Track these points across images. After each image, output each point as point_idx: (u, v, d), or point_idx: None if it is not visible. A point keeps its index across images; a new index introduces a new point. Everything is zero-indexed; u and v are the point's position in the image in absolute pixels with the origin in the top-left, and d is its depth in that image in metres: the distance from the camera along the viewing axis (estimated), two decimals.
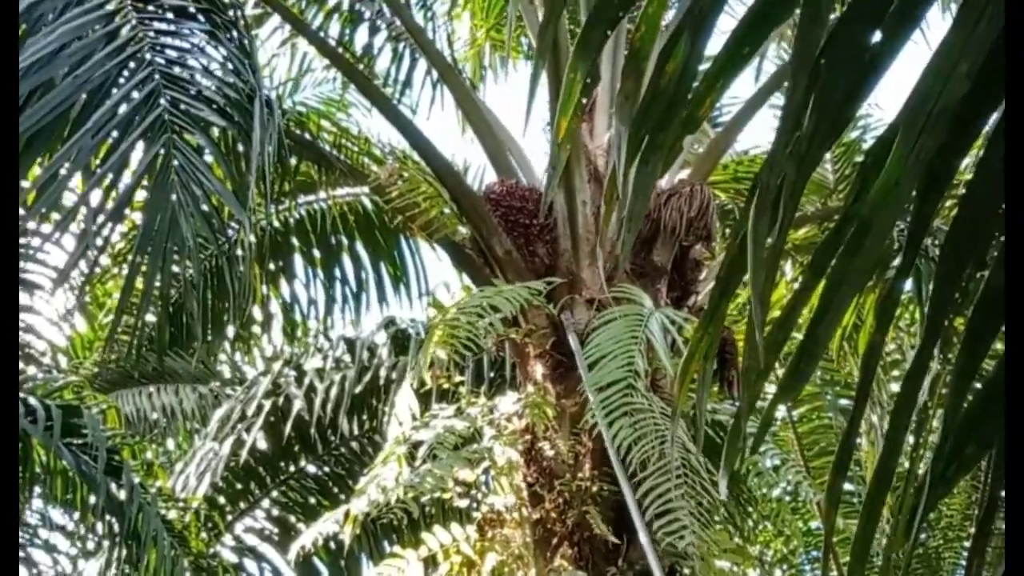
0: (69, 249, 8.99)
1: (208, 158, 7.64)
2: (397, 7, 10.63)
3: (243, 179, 7.61)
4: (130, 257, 7.82)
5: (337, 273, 12.15)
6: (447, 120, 13.68)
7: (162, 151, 7.27)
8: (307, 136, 10.58)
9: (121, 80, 7.37)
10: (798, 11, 2.43)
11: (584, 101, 2.71)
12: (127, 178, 7.44)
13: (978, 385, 2.46)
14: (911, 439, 2.72)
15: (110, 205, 7.36)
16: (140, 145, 7.34)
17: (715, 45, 2.62)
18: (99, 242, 7.65)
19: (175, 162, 7.24)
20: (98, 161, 7.32)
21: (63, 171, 7.07)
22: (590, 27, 2.56)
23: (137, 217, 7.87)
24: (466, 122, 10.91)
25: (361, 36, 11.14)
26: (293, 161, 10.79)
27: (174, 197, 7.18)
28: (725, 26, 2.72)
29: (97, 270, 9.99)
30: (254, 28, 10.70)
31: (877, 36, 2.43)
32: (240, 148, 8.13)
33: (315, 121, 10.82)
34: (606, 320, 8.37)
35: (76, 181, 7.45)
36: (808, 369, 2.49)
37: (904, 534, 2.59)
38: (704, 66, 2.62)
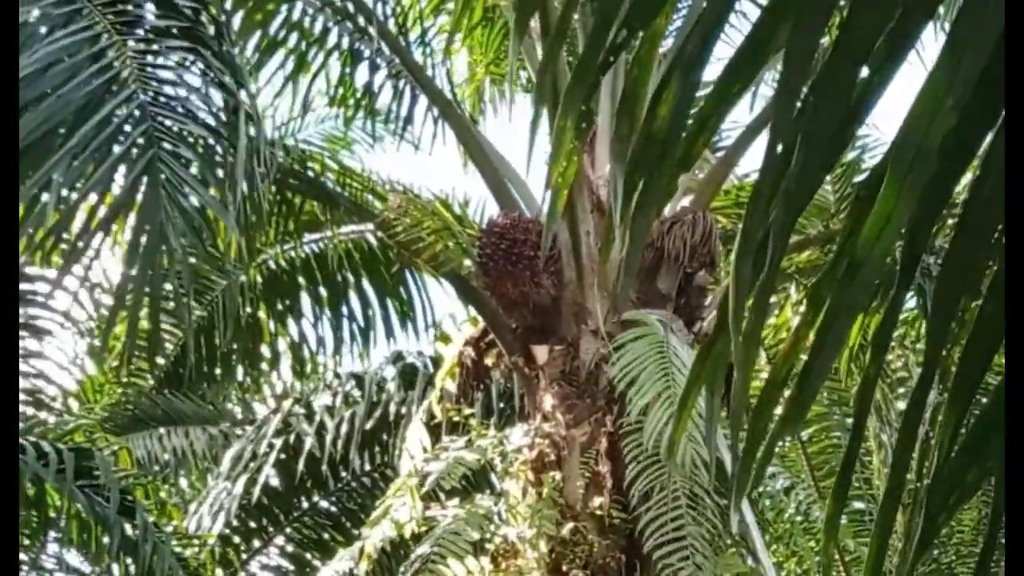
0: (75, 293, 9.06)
1: (194, 170, 7.69)
2: (396, 46, 10.68)
3: (232, 192, 7.67)
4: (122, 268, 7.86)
5: (344, 310, 12.20)
6: (449, 154, 13.73)
7: (149, 165, 7.33)
8: (311, 174, 10.63)
9: (107, 99, 7.43)
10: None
11: (578, 144, 2.74)
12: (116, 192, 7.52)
13: (976, 413, 2.49)
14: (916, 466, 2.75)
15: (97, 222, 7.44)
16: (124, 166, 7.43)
17: (712, 72, 2.65)
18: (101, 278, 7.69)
19: (163, 176, 7.30)
20: (85, 179, 7.38)
21: (49, 192, 7.12)
22: (579, 75, 2.60)
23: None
24: (467, 156, 10.96)
25: (361, 74, 11.18)
26: (298, 200, 10.85)
27: (163, 212, 7.23)
28: (722, 53, 2.74)
29: (104, 312, 10.04)
30: (254, 71, 10.74)
31: (865, 71, 2.45)
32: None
33: (318, 159, 10.88)
34: (623, 343, 8.46)
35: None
36: (807, 403, 2.52)
37: (913, 563, 2.61)
38: (701, 93, 2.66)
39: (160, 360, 12.78)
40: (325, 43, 10.92)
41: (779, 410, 2.59)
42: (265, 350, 13.00)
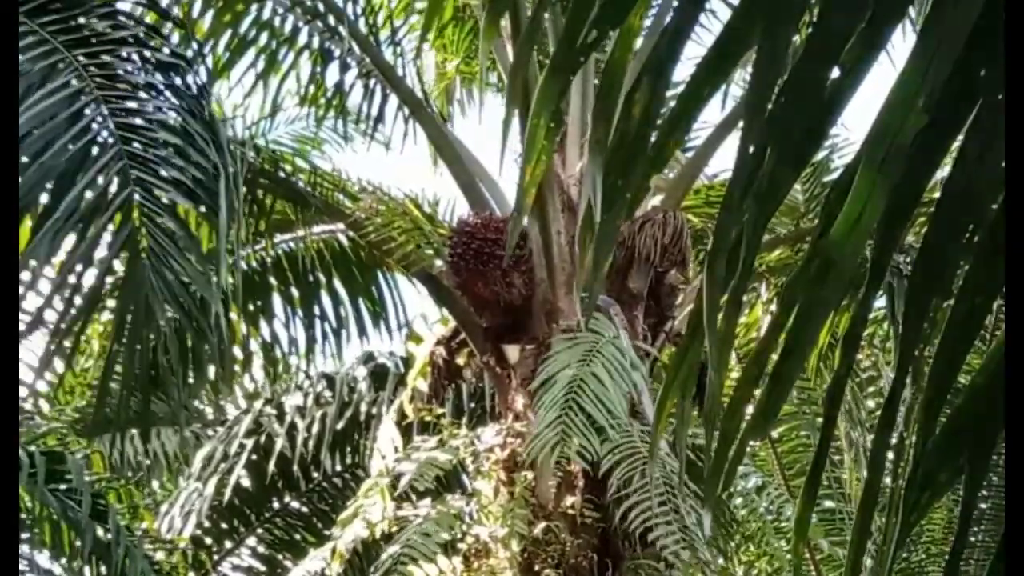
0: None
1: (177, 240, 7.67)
2: (367, 45, 10.68)
3: (212, 258, 7.66)
4: (107, 344, 7.87)
5: (316, 310, 12.16)
6: (419, 154, 13.73)
7: (132, 235, 7.30)
8: (282, 175, 10.61)
9: (86, 166, 7.33)
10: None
11: (549, 144, 2.73)
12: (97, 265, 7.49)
13: (948, 411, 2.49)
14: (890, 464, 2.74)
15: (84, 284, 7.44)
16: (110, 228, 7.36)
17: (683, 72, 2.64)
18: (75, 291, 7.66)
19: (145, 243, 7.27)
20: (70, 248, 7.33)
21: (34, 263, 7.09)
22: (551, 76, 2.59)
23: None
24: (438, 156, 10.96)
25: (332, 74, 11.17)
26: (269, 200, 10.82)
27: (147, 282, 7.21)
28: (693, 53, 2.74)
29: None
30: (224, 70, 10.73)
31: (836, 71, 2.45)
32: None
33: (289, 159, 10.86)
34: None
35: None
36: (777, 406, 2.51)
37: (889, 562, 2.61)
38: (672, 92, 2.65)
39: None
40: (295, 43, 10.91)
41: (751, 409, 2.58)
42: (236, 351, 12.94)
